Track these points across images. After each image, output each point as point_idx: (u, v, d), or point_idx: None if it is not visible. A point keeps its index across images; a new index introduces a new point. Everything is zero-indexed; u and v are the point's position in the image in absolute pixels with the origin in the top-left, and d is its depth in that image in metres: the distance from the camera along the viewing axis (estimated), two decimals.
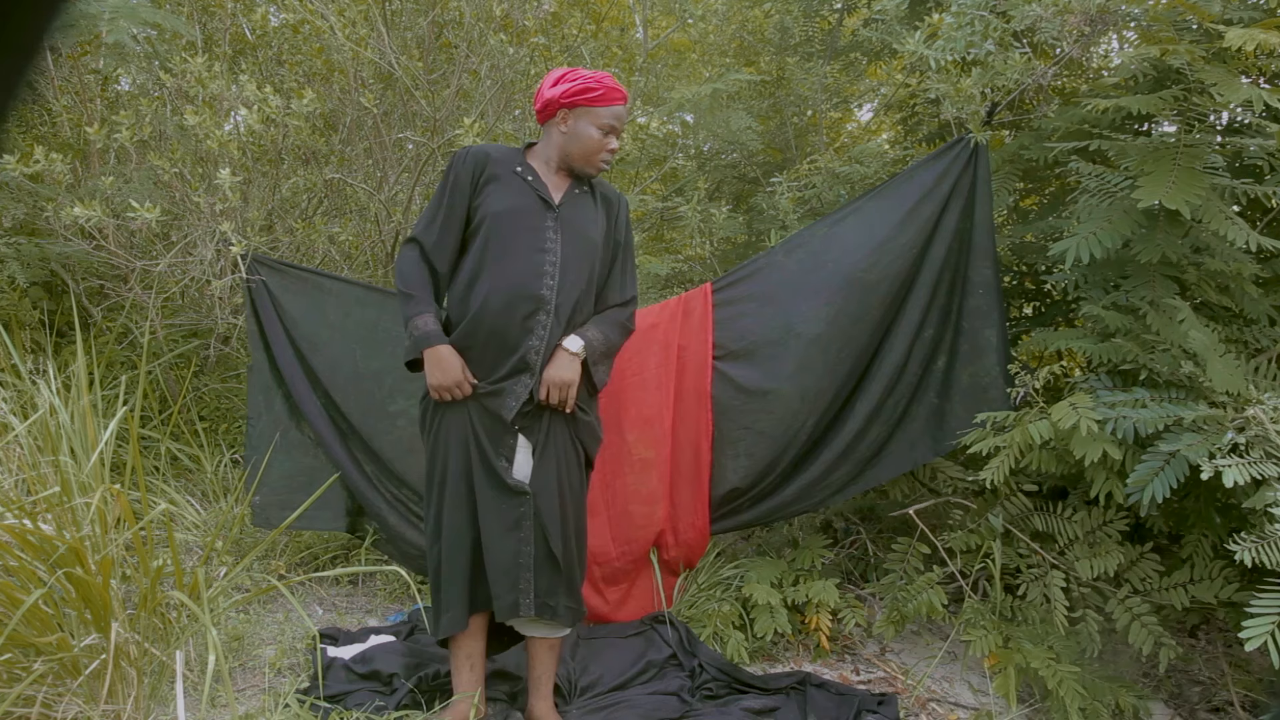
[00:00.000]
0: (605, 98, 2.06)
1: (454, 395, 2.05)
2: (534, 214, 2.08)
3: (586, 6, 4.24)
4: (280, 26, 3.56)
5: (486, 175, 2.11)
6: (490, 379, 2.06)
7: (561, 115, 2.10)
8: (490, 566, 2.07)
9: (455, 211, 2.11)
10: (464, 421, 2.08)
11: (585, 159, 2.10)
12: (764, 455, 2.73)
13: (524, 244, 2.06)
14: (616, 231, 2.21)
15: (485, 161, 2.12)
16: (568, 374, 2.05)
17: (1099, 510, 2.45)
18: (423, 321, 2.06)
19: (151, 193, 3.18)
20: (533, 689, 2.23)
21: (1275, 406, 1.97)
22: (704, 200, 3.50)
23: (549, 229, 2.08)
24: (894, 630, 2.63)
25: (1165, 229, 2.24)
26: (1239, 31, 1.92)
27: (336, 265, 3.71)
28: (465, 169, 2.11)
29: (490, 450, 2.06)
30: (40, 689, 1.94)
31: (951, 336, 2.69)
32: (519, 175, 2.11)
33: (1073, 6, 2.29)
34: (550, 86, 2.09)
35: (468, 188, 2.11)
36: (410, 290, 2.10)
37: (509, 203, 2.08)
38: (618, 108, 2.09)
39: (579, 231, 2.11)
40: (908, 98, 3.84)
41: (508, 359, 2.05)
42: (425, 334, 2.05)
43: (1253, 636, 1.71)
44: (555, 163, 2.14)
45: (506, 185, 2.10)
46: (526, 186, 2.11)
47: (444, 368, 2.03)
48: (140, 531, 2.15)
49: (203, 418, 3.71)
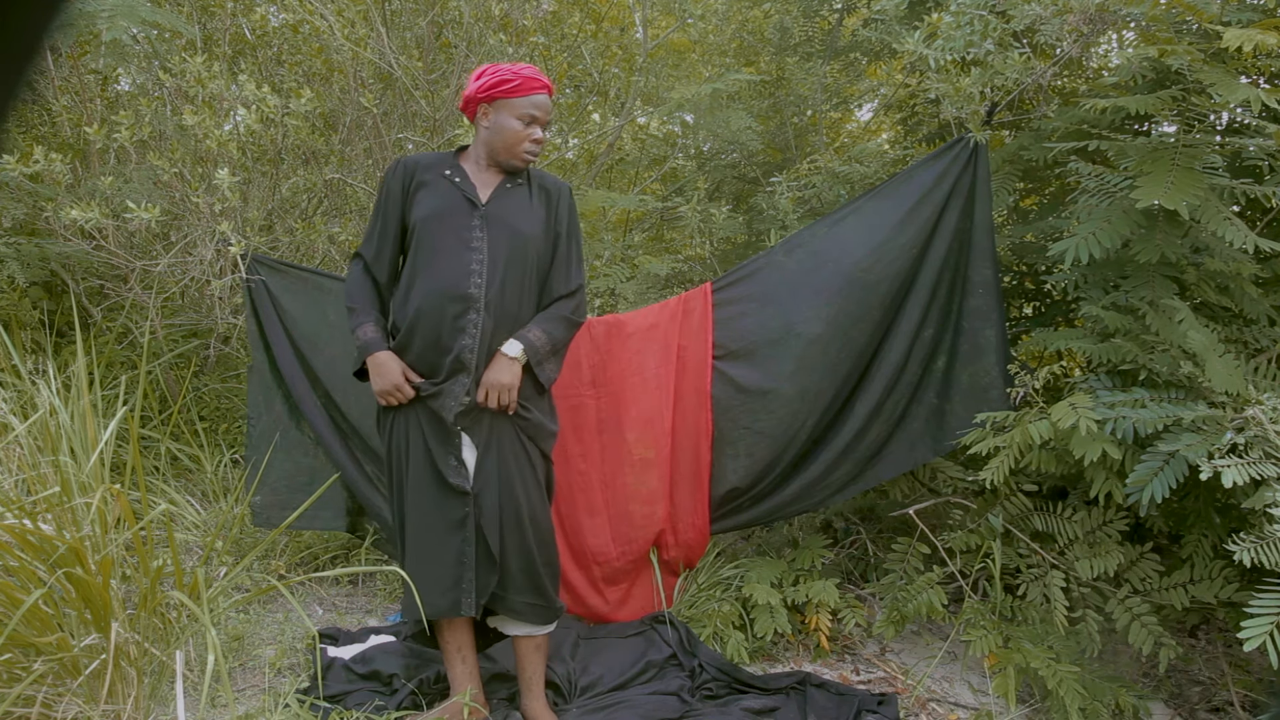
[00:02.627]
0: (522, 88, 2.07)
1: (396, 399, 2.10)
2: (459, 214, 2.11)
3: (586, 6, 4.24)
4: (280, 26, 3.56)
5: (415, 183, 2.16)
6: (431, 380, 2.10)
7: (483, 110, 2.12)
8: (434, 563, 2.11)
9: (390, 222, 2.18)
10: (411, 423, 2.13)
11: (509, 151, 2.12)
12: (764, 455, 2.73)
13: (450, 245, 2.10)
14: (558, 223, 2.21)
15: (414, 170, 2.17)
16: (505, 378, 2.08)
17: (1099, 510, 2.45)
18: (363, 331, 2.14)
19: (151, 193, 3.18)
20: (524, 689, 2.25)
21: (1274, 407, 1.97)
22: (704, 200, 3.50)
23: (475, 227, 2.10)
24: (894, 630, 2.63)
25: (1164, 229, 2.24)
26: (1237, 32, 1.91)
27: (336, 265, 3.71)
28: (396, 180, 2.18)
29: (438, 451, 2.10)
30: (40, 689, 1.94)
31: (951, 336, 2.69)
32: (447, 178, 2.15)
33: (1072, 6, 2.29)
34: (471, 83, 2.12)
35: (399, 198, 2.17)
36: (353, 305, 2.19)
37: (434, 206, 2.12)
38: (537, 97, 2.09)
39: (508, 227, 2.12)
40: (907, 98, 3.84)
41: (444, 360, 2.08)
42: (365, 343, 2.13)
43: (1252, 637, 1.71)
44: (484, 160, 2.17)
45: (434, 190, 2.14)
46: (453, 188, 2.14)
47: (382, 373, 2.09)
48: (140, 531, 2.15)
49: (203, 418, 3.71)
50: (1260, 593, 1.77)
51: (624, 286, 3.40)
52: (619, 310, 3.19)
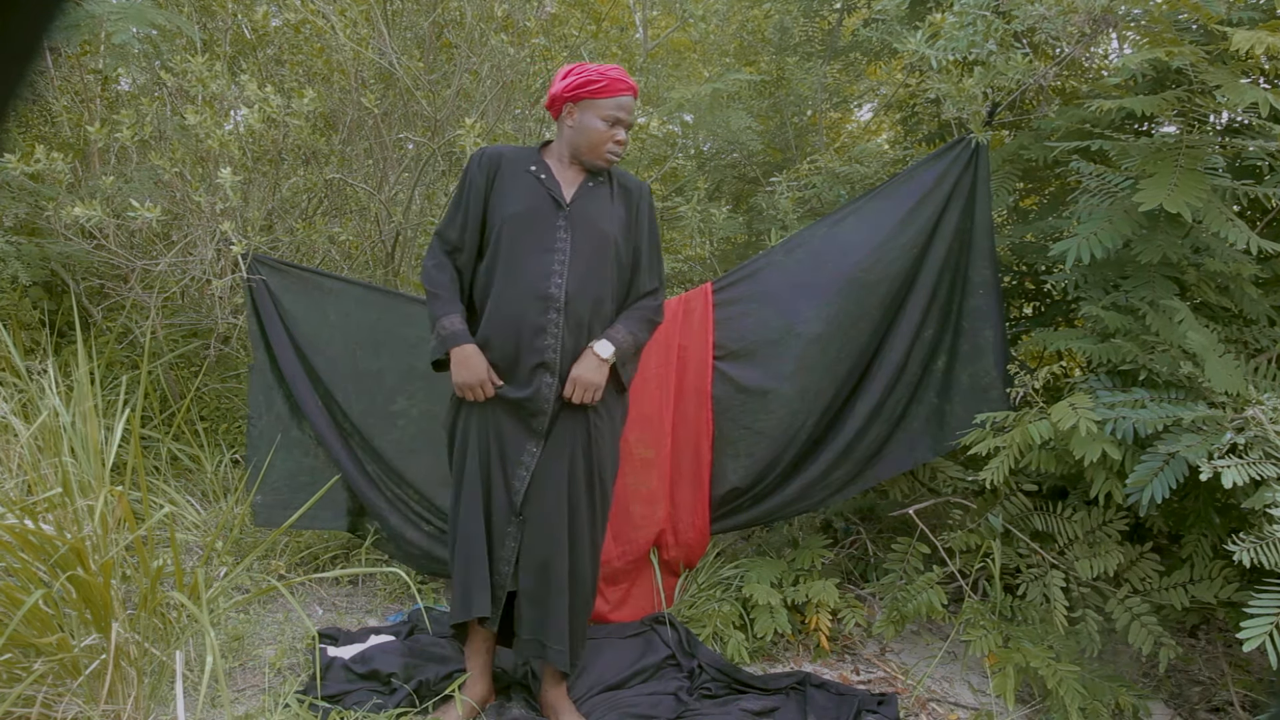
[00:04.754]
0: (608, 89, 2.08)
1: (478, 395, 2.10)
2: (544, 214, 2.11)
3: (586, 6, 4.24)
4: (281, 26, 3.56)
5: (500, 176, 2.15)
6: (511, 381, 2.11)
7: (568, 109, 2.13)
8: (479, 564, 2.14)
9: (472, 213, 2.16)
10: (487, 423, 2.14)
11: (592, 151, 2.12)
12: (764, 455, 2.73)
13: (533, 244, 2.10)
14: (639, 222, 2.23)
15: (499, 162, 2.16)
16: (597, 377, 2.09)
17: (1099, 510, 2.45)
18: (449, 321, 2.12)
19: (152, 192, 3.18)
20: (545, 678, 2.29)
21: (1274, 407, 1.97)
22: (704, 200, 3.50)
23: (559, 228, 2.10)
24: (894, 630, 2.63)
25: (1166, 230, 2.24)
26: (1245, 34, 1.90)
27: (337, 265, 3.71)
28: (480, 171, 2.16)
29: (511, 454, 2.13)
30: (40, 689, 1.95)
31: (951, 336, 2.69)
32: (532, 174, 2.15)
33: (1077, 6, 2.29)
34: (557, 82, 2.13)
35: (483, 189, 2.16)
36: (437, 290, 2.16)
37: (520, 204, 2.12)
38: (623, 98, 2.10)
39: (591, 227, 2.13)
40: (908, 98, 3.84)
41: (525, 360, 2.09)
42: (452, 333, 2.10)
43: (1252, 637, 1.71)
44: (567, 157, 2.17)
45: (519, 186, 2.14)
46: (539, 185, 2.13)
47: (469, 366, 2.08)
48: (141, 532, 2.15)
49: (203, 418, 3.71)
50: (1260, 593, 1.77)
51: None
52: None
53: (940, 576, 2.62)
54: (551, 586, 2.14)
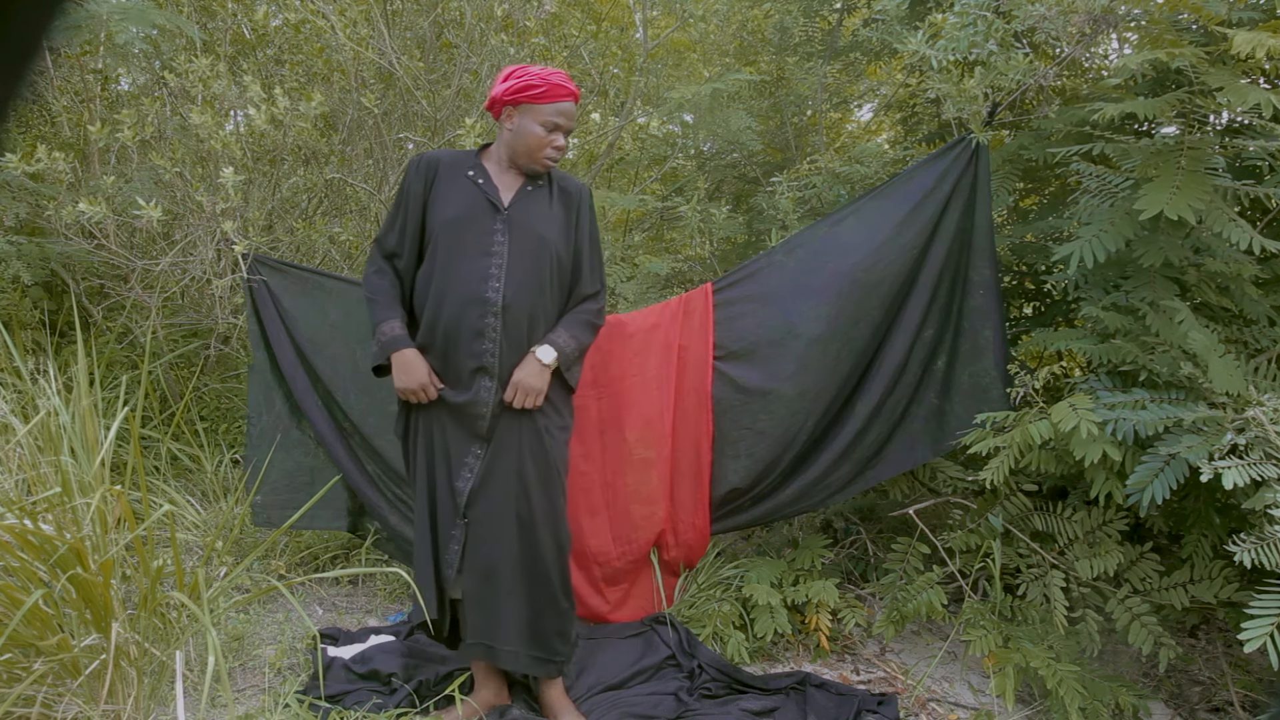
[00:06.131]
0: (548, 94, 2.06)
1: (420, 398, 2.11)
2: (481, 218, 2.11)
3: (586, 6, 4.24)
4: (281, 26, 3.56)
5: (438, 181, 2.15)
6: (452, 385, 2.11)
7: (507, 112, 2.12)
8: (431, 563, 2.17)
9: (411, 219, 2.16)
10: (431, 426, 2.15)
11: (529, 156, 2.11)
12: (764, 455, 2.73)
13: (470, 249, 2.10)
14: (579, 226, 2.22)
15: (437, 168, 2.16)
16: (538, 382, 2.09)
17: (1099, 510, 2.45)
18: (389, 327, 2.12)
19: (152, 192, 3.18)
20: (541, 679, 2.28)
21: (1275, 407, 1.97)
22: (704, 200, 3.49)
23: (497, 232, 2.10)
24: (894, 630, 2.63)
25: (1168, 231, 2.23)
26: (1247, 35, 1.89)
27: (337, 265, 3.71)
28: (418, 177, 2.16)
29: (455, 453, 2.13)
30: (40, 689, 1.95)
31: (951, 336, 2.69)
32: (470, 179, 2.14)
33: (1077, 6, 2.29)
34: (499, 84, 2.12)
35: (421, 195, 2.16)
36: (376, 296, 2.17)
37: (457, 209, 2.12)
38: (563, 104, 2.08)
39: (530, 230, 2.12)
40: (908, 98, 3.84)
41: (464, 364, 2.09)
42: (392, 338, 2.11)
43: (1252, 638, 1.71)
44: (505, 161, 2.16)
45: (456, 190, 2.14)
46: (476, 190, 2.13)
47: (409, 371, 2.09)
48: (140, 532, 2.15)
49: (203, 418, 3.71)
50: (1260, 593, 1.77)
51: (624, 286, 3.40)
52: (619, 310, 3.19)
53: (940, 576, 2.62)
54: (499, 589, 2.12)
